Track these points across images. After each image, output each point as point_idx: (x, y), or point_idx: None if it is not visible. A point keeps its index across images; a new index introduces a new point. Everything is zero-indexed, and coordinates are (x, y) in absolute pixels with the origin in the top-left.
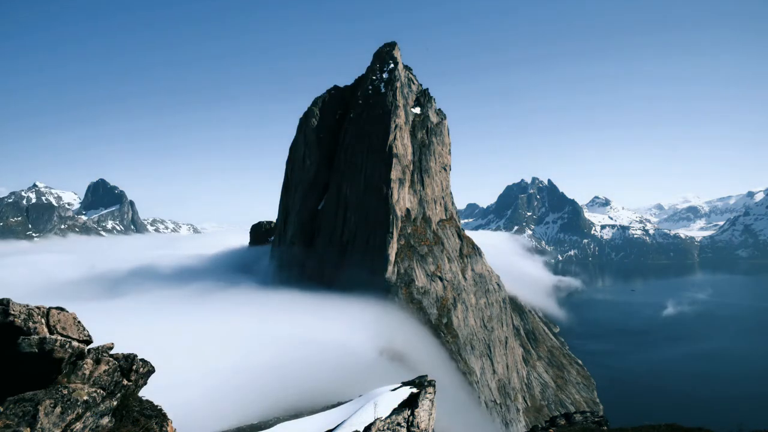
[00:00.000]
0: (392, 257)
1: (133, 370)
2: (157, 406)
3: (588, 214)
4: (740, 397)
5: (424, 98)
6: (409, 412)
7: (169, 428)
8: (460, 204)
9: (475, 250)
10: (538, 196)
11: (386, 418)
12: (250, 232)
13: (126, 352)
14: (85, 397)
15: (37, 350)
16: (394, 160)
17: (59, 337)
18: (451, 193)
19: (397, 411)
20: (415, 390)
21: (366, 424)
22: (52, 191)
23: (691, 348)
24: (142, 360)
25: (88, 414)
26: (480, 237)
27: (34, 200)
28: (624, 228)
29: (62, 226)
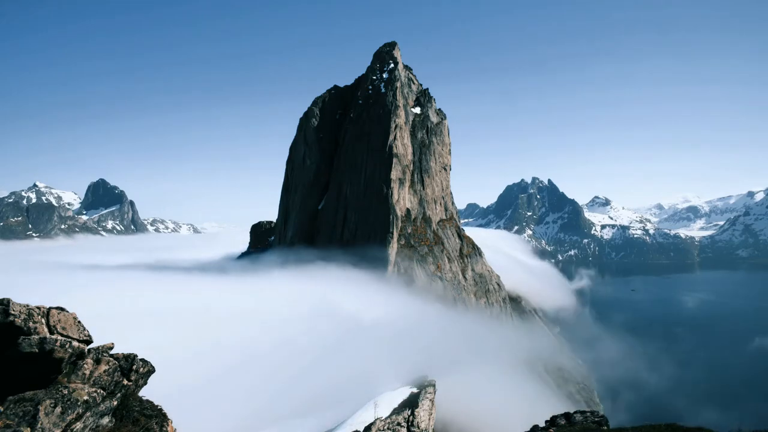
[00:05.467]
0: (392, 257)
1: (133, 370)
2: (157, 406)
3: (588, 214)
4: (740, 397)
5: (424, 98)
6: (409, 412)
7: (169, 428)
8: (460, 204)
9: (475, 250)
10: (538, 196)
11: (386, 418)
12: (250, 232)
13: (126, 352)
14: (86, 397)
15: (37, 350)
16: (394, 160)
17: (59, 337)
18: (451, 193)
19: (397, 411)
20: (415, 390)
21: (366, 424)
22: (52, 191)
23: (692, 347)
24: (142, 360)
25: (88, 414)
26: (481, 235)
27: (34, 200)
28: (624, 228)
29: (62, 226)
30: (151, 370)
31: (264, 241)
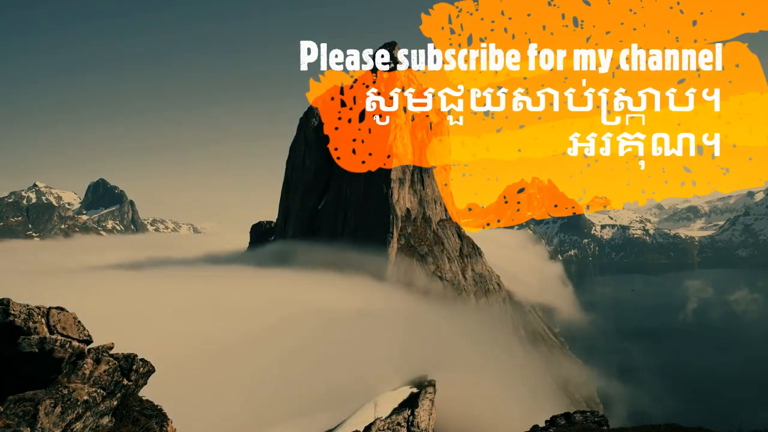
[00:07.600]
0: (392, 257)
1: (133, 369)
2: (157, 406)
3: (588, 214)
4: (740, 397)
5: None
6: (409, 412)
7: (169, 428)
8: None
9: (475, 250)
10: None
11: (386, 418)
12: (250, 232)
13: (126, 352)
14: (85, 397)
15: (37, 350)
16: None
17: (59, 337)
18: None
19: (397, 411)
20: (415, 390)
21: (366, 424)
22: (52, 191)
23: (691, 347)
24: (142, 360)
25: (88, 414)
26: (482, 234)
27: (34, 200)
28: (624, 228)
29: (62, 226)
30: (151, 370)
31: (264, 241)
